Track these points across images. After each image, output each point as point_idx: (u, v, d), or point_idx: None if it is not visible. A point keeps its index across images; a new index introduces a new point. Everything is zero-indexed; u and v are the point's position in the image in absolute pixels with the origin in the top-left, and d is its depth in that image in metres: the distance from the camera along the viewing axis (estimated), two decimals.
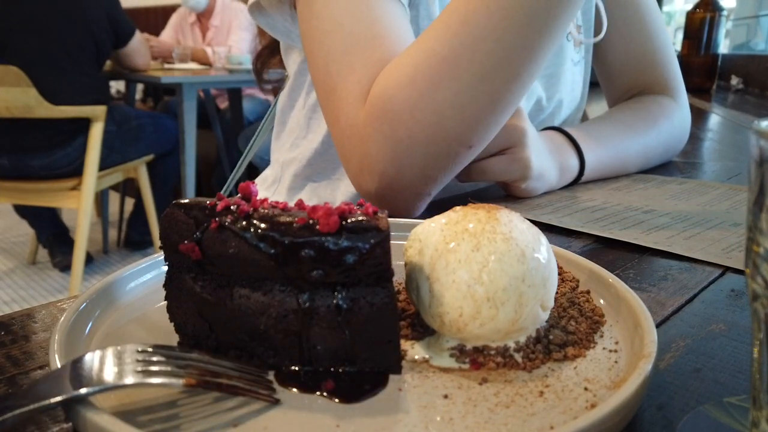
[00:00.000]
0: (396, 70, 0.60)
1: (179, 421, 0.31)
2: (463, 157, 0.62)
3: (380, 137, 0.60)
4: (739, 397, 0.33)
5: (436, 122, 0.58)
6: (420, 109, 0.58)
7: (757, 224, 0.25)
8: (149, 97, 4.18)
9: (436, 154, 0.60)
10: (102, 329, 0.39)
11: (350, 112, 0.63)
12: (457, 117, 0.58)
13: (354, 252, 0.33)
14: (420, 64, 0.58)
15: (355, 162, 0.64)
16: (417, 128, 0.59)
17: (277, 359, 0.36)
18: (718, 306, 0.46)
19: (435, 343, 0.38)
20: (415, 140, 0.59)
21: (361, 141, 0.62)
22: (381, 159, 0.61)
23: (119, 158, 2.60)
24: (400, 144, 0.59)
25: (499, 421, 0.30)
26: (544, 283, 0.36)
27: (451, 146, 0.60)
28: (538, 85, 0.88)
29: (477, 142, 0.61)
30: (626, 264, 0.54)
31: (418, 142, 0.59)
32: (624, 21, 0.96)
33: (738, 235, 0.60)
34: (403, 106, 0.58)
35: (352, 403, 0.32)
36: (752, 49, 2.61)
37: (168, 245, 0.36)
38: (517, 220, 0.38)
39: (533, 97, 0.88)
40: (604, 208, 0.70)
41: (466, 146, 0.60)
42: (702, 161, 1.06)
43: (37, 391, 0.28)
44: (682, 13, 3.12)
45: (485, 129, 0.60)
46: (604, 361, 0.36)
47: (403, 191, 0.63)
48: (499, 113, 0.60)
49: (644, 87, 0.97)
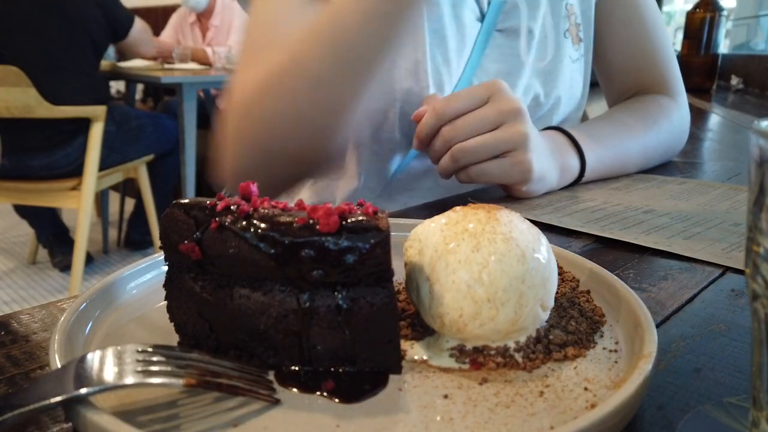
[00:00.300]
0: (248, 79, 0.65)
1: (179, 421, 0.31)
2: (312, 154, 0.67)
3: (228, 132, 0.67)
4: (739, 397, 0.33)
5: (273, 127, 0.64)
6: (257, 116, 0.65)
7: (757, 224, 0.25)
8: (149, 97, 4.18)
9: (271, 156, 0.66)
10: (102, 329, 0.39)
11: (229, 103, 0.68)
12: (293, 123, 0.63)
13: (354, 252, 0.33)
14: (261, 77, 0.64)
15: (220, 147, 0.69)
16: (248, 131, 0.66)
17: (277, 359, 0.36)
18: (718, 306, 0.46)
19: (435, 343, 0.38)
20: (244, 141, 0.66)
21: (222, 134, 0.68)
22: (228, 154, 0.68)
23: (119, 158, 2.60)
24: (239, 143, 0.67)
25: (499, 421, 0.30)
26: (545, 283, 0.36)
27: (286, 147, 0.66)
28: (535, 82, 0.88)
29: (318, 146, 0.66)
30: (626, 264, 0.54)
31: (254, 144, 0.66)
32: (623, 21, 0.96)
33: (738, 235, 0.60)
34: (246, 111, 0.65)
35: (352, 403, 0.32)
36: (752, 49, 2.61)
37: (168, 245, 0.36)
38: (517, 220, 0.38)
39: (530, 93, 0.88)
40: (604, 208, 0.70)
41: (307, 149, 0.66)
42: (702, 161, 1.06)
43: (37, 391, 0.28)
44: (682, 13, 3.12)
45: (322, 133, 0.65)
46: (604, 361, 0.36)
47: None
48: (336, 119, 0.64)
49: (643, 87, 0.98)
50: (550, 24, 0.90)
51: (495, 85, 0.67)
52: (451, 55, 0.82)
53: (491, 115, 0.66)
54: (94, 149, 2.35)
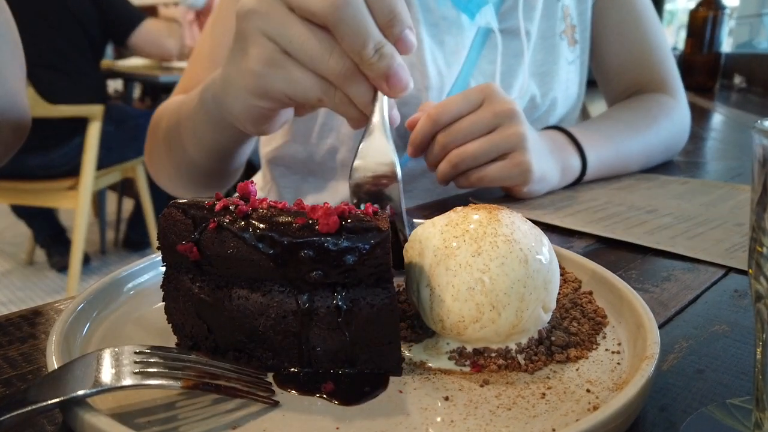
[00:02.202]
0: (160, 108, 0.82)
1: (177, 423, 0.30)
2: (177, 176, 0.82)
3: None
4: (742, 399, 0.33)
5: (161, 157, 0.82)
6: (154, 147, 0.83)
7: (761, 224, 0.25)
8: (147, 96, 4.17)
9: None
10: (99, 330, 0.39)
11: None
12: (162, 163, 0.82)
13: (354, 252, 0.33)
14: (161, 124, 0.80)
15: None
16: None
17: (276, 361, 0.35)
18: (721, 307, 0.45)
19: (435, 345, 0.38)
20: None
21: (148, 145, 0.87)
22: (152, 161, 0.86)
23: (117, 157, 2.59)
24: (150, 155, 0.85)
25: (501, 424, 0.30)
26: (546, 285, 0.36)
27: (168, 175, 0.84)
28: (532, 83, 0.88)
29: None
30: (629, 264, 0.54)
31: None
32: (620, 21, 0.97)
33: (741, 236, 0.60)
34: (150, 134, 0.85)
35: (351, 405, 0.32)
36: (755, 48, 2.61)
37: (166, 246, 0.36)
38: (519, 221, 0.38)
39: (527, 94, 0.88)
40: (606, 208, 0.70)
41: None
42: (705, 161, 1.06)
43: (34, 393, 0.28)
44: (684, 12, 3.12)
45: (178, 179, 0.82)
46: (606, 362, 0.35)
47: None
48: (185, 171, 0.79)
49: (642, 86, 0.98)
50: (546, 26, 0.90)
51: (488, 88, 0.66)
52: (448, 57, 0.82)
53: (486, 118, 0.65)
54: (92, 149, 2.34)
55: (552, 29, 0.91)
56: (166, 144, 0.78)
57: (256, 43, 0.47)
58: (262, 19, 0.46)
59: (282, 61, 0.46)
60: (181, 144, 0.73)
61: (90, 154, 2.34)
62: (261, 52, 0.46)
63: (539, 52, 0.90)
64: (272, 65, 0.47)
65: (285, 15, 0.45)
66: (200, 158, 0.72)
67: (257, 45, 0.46)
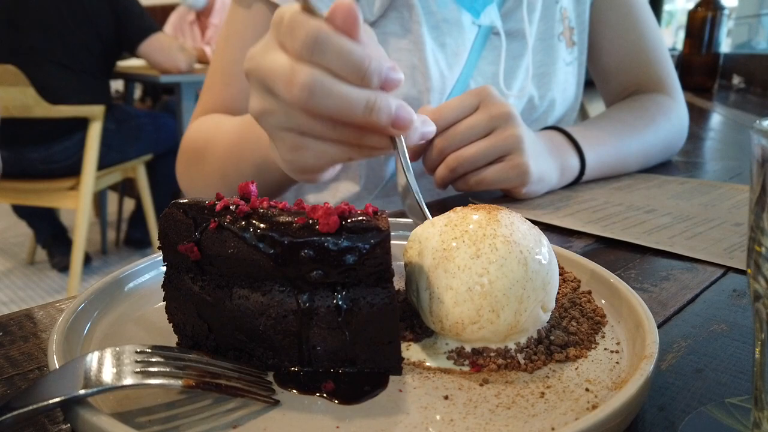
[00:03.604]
0: (196, 128, 0.83)
1: (178, 422, 0.30)
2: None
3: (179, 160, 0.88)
4: (740, 398, 0.33)
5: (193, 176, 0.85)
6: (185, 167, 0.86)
7: (759, 224, 0.25)
8: (148, 96, 4.17)
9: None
10: (101, 330, 0.39)
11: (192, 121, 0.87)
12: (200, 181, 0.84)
13: (354, 252, 0.33)
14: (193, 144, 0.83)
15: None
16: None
17: (277, 360, 0.36)
18: (719, 306, 0.45)
19: (434, 345, 0.38)
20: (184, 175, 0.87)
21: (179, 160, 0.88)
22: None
23: (118, 157, 2.60)
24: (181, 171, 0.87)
25: (500, 422, 0.30)
26: (545, 285, 0.36)
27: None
28: (530, 84, 0.89)
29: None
30: (628, 264, 0.54)
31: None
32: (616, 21, 0.98)
33: (740, 235, 0.60)
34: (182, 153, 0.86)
35: (352, 404, 0.32)
36: (754, 48, 2.61)
37: (166, 245, 0.36)
38: (518, 221, 0.38)
39: (526, 95, 0.89)
40: (605, 207, 0.70)
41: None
42: (703, 161, 1.06)
43: (35, 392, 0.28)
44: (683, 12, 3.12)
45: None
46: (605, 361, 0.36)
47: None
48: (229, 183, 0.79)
49: (640, 86, 0.98)
50: (545, 27, 0.90)
51: (484, 91, 0.66)
52: (450, 59, 0.82)
53: (483, 121, 0.66)
54: (92, 149, 2.35)
55: (550, 31, 0.91)
56: (212, 176, 0.79)
57: (277, 138, 0.51)
58: (273, 117, 0.49)
59: (303, 142, 0.50)
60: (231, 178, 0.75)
61: (90, 154, 2.35)
62: (284, 142, 0.51)
63: (537, 54, 0.91)
64: (298, 149, 0.50)
65: (287, 108, 0.48)
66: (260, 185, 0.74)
67: (279, 138, 0.51)
